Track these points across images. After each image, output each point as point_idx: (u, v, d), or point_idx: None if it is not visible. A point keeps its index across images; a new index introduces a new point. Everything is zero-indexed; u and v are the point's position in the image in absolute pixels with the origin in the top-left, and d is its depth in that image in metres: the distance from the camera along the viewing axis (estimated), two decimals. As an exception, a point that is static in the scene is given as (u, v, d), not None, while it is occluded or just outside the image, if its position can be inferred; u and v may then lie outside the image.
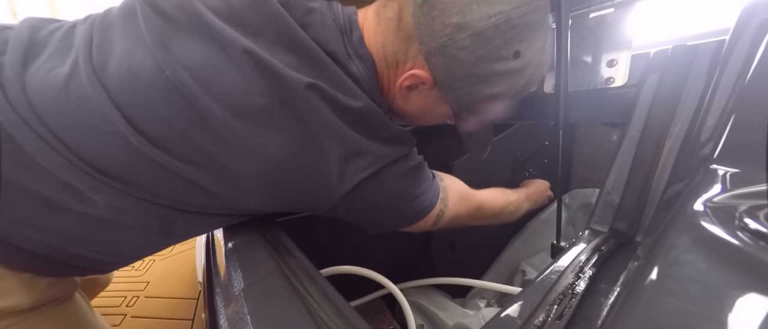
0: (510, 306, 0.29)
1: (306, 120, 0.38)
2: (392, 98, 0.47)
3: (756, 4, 0.34)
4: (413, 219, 0.50)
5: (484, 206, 0.59)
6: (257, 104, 0.36)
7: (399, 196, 0.47)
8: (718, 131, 0.31)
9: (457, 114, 0.46)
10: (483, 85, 0.41)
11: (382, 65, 0.44)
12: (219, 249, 0.44)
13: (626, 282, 0.27)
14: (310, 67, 0.39)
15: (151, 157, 0.36)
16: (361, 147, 0.41)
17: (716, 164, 0.29)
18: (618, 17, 0.50)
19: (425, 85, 0.43)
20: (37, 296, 0.41)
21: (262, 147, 0.37)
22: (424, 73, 0.42)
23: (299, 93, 0.37)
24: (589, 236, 0.40)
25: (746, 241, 0.21)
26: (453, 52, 0.39)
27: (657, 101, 0.42)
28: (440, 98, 0.44)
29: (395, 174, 0.45)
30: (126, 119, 0.35)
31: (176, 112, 0.36)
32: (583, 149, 1.10)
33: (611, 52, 0.51)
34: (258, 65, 0.36)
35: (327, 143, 0.39)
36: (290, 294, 0.31)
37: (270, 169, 0.38)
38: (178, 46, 0.37)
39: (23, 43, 0.37)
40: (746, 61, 0.32)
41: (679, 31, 0.77)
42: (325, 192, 0.42)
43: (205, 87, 0.36)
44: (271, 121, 0.37)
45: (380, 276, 0.63)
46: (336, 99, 0.39)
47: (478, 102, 0.44)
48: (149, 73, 0.36)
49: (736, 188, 0.26)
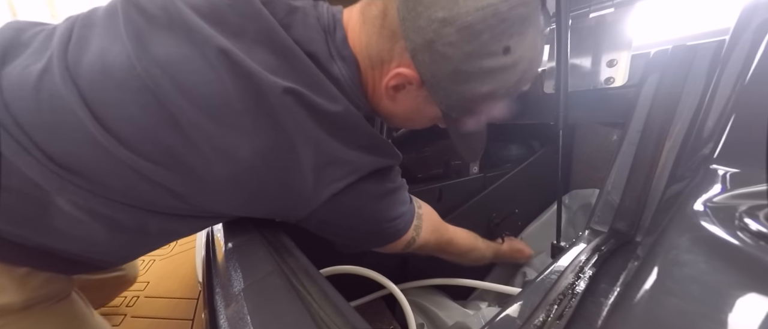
0: (510, 305, 0.29)
1: (281, 125, 0.36)
2: (378, 100, 0.45)
3: (756, 4, 0.34)
4: (385, 241, 0.50)
5: (454, 243, 0.60)
6: (231, 106, 0.35)
7: (374, 215, 0.45)
8: (718, 131, 0.31)
9: (447, 115, 0.44)
10: (472, 83, 0.39)
11: (366, 65, 0.42)
12: (219, 248, 0.44)
13: (626, 282, 0.27)
14: (289, 69, 0.37)
15: (120, 157, 0.35)
16: (339, 156, 0.40)
17: (716, 164, 0.29)
18: (618, 17, 0.50)
19: (412, 84, 0.41)
20: (30, 294, 0.40)
21: (234, 151, 0.36)
22: (410, 72, 0.40)
23: (275, 98, 0.36)
24: (589, 236, 0.40)
25: (746, 241, 0.21)
26: (440, 48, 0.37)
27: (657, 101, 0.42)
28: (428, 98, 0.42)
29: (373, 192, 0.44)
30: (95, 117, 0.34)
31: (146, 111, 0.35)
32: (583, 149, 1.10)
33: (611, 52, 0.51)
34: (234, 66, 0.35)
35: (302, 150, 0.37)
36: (290, 294, 0.31)
37: (241, 174, 0.37)
38: (154, 43, 0.36)
39: (4, 44, 0.37)
40: (746, 61, 0.32)
41: (679, 31, 0.77)
42: (298, 201, 0.40)
43: (177, 85, 0.35)
44: (245, 124, 0.36)
45: (380, 276, 0.63)
46: (314, 104, 0.37)
47: (468, 102, 0.42)
48: (122, 70, 0.35)
49: (736, 188, 0.26)
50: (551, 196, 0.92)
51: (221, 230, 0.47)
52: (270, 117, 0.36)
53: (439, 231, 0.57)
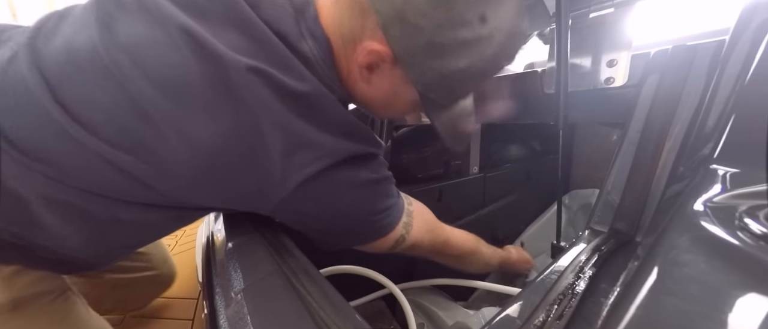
0: (510, 305, 0.29)
1: (246, 107, 0.35)
2: (354, 83, 0.43)
3: (756, 4, 0.34)
4: (368, 238, 0.47)
5: (452, 243, 0.57)
6: (194, 88, 0.34)
7: (352, 207, 0.43)
8: (718, 131, 0.31)
9: (425, 97, 0.42)
10: (448, 57, 0.37)
11: (339, 46, 0.40)
12: (219, 248, 0.44)
13: (626, 282, 0.27)
14: (256, 49, 0.36)
15: (83, 142, 0.34)
16: (308, 138, 0.37)
17: (716, 164, 0.29)
18: (618, 17, 0.50)
19: (386, 62, 0.39)
20: (18, 293, 0.40)
21: (197, 134, 0.35)
22: (382, 48, 0.38)
23: (240, 77, 0.34)
24: (589, 236, 0.40)
25: (746, 241, 0.21)
26: (411, 19, 0.35)
27: (657, 101, 0.42)
28: (404, 78, 0.40)
29: (349, 180, 0.41)
30: (59, 103, 0.34)
31: (111, 96, 0.34)
32: (583, 149, 1.10)
33: (611, 52, 0.51)
34: (198, 46, 0.34)
35: (269, 133, 0.36)
36: (290, 294, 0.31)
37: (203, 158, 0.36)
38: (121, 28, 0.35)
39: None
40: (746, 61, 0.32)
41: (679, 31, 0.77)
42: (267, 188, 0.38)
43: (140, 68, 0.34)
44: (209, 106, 0.35)
45: (380, 276, 0.63)
46: (281, 83, 0.35)
47: (445, 79, 0.39)
48: (86, 54, 0.35)
49: (736, 188, 0.26)
50: (551, 196, 0.92)
51: (221, 230, 0.47)
52: (234, 98, 0.35)
53: (434, 231, 0.55)
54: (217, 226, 0.50)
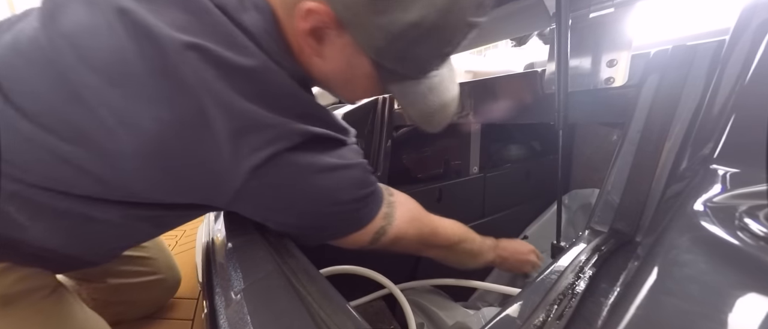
0: (510, 305, 0.29)
1: (186, 87, 0.33)
2: (308, 59, 0.40)
3: (756, 4, 0.34)
4: (341, 231, 0.44)
5: (439, 233, 0.53)
6: (131, 71, 0.32)
7: (317, 195, 0.40)
8: (718, 131, 0.31)
9: (381, 66, 0.38)
10: (394, 12, 0.33)
11: (282, 14, 0.37)
12: (219, 248, 0.44)
13: (626, 282, 0.27)
14: (197, 24, 0.34)
15: (31, 136, 0.33)
16: (257, 119, 0.34)
17: (716, 164, 0.29)
18: (618, 17, 0.50)
19: (330, 28, 0.36)
20: (5, 290, 0.40)
21: (138, 121, 0.33)
22: (321, 6, 0.34)
23: (177, 55, 0.32)
24: (589, 236, 0.40)
25: (746, 241, 0.21)
26: None
27: (657, 101, 0.42)
28: (355, 46, 0.37)
29: (309, 165, 0.38)
30: (6, 96, 0.33)
31: (52, 85, 0.33)
32: (583, 149, 1.10)
33: (611, 52, 0.51)
34: (133, 26, 0.33)
35: (213, 114, 0.33)
36: (290, 293, 0.31)
37: (147, 146, 0.34)
38: (64, 15, 0.35)
39: None
40: (746, 61, 0.32)
41: (679, 31, 0.77)
42: (219, 178, 0.36)
43: (79, 54, 0.33)
44: (147, 90, 0.33)
45: (380, 276, 0.63)
46: (222, 59, 0.33)
47: (397, 41, 0.35)
48: (30, 45, 0.34)
49: (736, 188, 0.26)
50: (551, 196, 0.92)
51: (221, 230, 0.47)
52: (173, 79, 0.32)
53: (421, 220, 0.51)
54: (217, 226, 0.50)
